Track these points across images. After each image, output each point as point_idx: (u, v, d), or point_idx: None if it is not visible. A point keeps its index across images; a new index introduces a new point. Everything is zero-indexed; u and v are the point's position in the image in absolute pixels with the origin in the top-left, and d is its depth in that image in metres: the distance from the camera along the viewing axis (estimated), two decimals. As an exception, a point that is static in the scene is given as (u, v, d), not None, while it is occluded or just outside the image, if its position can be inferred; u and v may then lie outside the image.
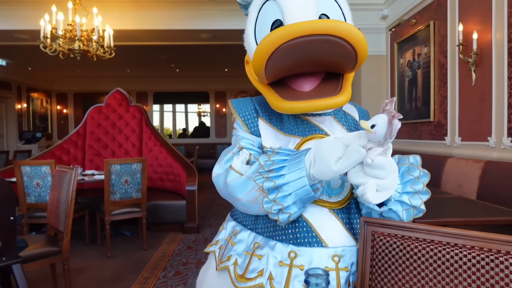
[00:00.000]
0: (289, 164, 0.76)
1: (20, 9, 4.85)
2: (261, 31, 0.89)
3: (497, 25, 2.83)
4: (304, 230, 0.84)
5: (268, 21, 0.88)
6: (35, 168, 3.23)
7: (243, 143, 0.92)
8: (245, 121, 0.95)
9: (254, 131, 0.94)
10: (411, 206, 0.79)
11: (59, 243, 2.24)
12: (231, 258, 0.90)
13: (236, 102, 1.00)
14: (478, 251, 0.69)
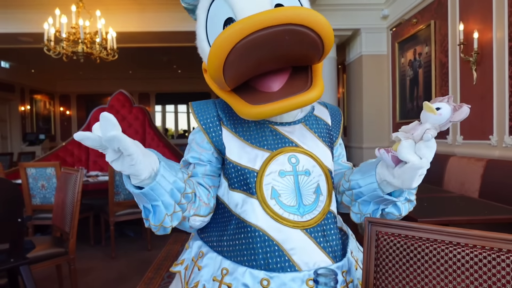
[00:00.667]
0: None
1: (24, 12, 4.88)
2: (213, 33, 0.81)
3: (497, 24, 2.84)
4: (276, 255, 0.78)
5: (219, 21, 0.80)
6: (40, 170, 3.26)
7: (191, 158, 0.88)
8: (206, 129, 0.86)
9: (216, 141, 0.86)
10: (408, 200, 0.83)
11: (65, 244, 2.27)
12: (198, 284, 0.83)
13: (197, 105, 0.91)
14: (480, 249, 0.71)
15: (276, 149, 0.83)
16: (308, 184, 0.83)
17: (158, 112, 11.92)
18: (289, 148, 0.84)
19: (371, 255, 0.80)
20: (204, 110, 0.89)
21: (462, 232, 0.74)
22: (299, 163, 0.83)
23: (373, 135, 5.03)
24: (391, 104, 4.89)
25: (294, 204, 0.81)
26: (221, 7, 0.80)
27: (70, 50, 4.20)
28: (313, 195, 0.83)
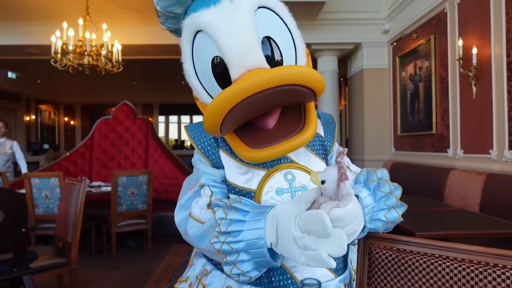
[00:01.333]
0: (247, 229, 0.70)
1: (32, 25, 5.01)
2: (201, 70, 0.80)
3: (496, 40, 2.89)
4: (279, 273, 0.79)
5: (206, 59, 0.77)
6: (44, 180, 3.30)
7: (204, 179, 0.85)
8: (205, 152, 0.87)
9: (216, 163, 0.86)
10: (389, 222, 0.77)
11: (67, 254, 2.29)
12: None
13: (192, 129, 0.90)
14: (469, 263, 0.73)
15: (272, 166, 0.83)
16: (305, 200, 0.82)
17: (162, 122, 12.01)
18: (285, 165, 0.84)
19: (364, 268, 0.83)
20: (200, 133, 0.89)
21: (454, 246, 0.77)
22: (295, 179, 0.83)
23: (374, 148, 5.05)
24: (392, 117, 4.93)
25: None
26: (207, 43, 0.76)
27: (76, 62, 4.29)
28: None
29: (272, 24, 0.78)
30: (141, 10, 4.95)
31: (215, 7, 0.75)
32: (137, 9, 4.92)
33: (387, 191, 0.77)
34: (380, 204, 0.76)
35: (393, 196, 0.77)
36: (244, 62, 0.72)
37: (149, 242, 3.54)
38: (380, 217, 0.77)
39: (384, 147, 5.03)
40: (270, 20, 0.78)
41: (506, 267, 0.69)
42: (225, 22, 0.73)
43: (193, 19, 0.78)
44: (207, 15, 0.75)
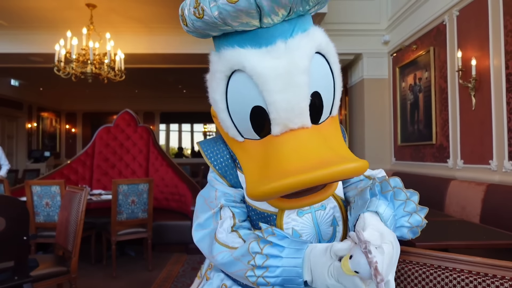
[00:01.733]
0: (285, 265, 0.71)
1: (36, 33, 5.07)
2: (237, 113, 0.76)
3: (494, 52, 2.93)
4: None
5: (245, 104, 0.73)
6: (45, 188, 3.31)
7: (224, 200, 0.84)
8: (223, 173, 0.85)
9: (234, 183, 0.85)
10: (413, 226, 0.78)
11: (67, 263, 2.29)
12: None
13: (207, 147, 0.88)
14: (468, 273, 0.74)
15: None
16: (325, 218, 0.84)
17: (162, 130, 12.05)
18: None
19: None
20: (216, 152, 0.87)
21: (453, 257, 0.78)
22: None
23: (375, 158, 5.06)
24: (392, 127, 4.95)
25: (312, 242, 0.80)
26: (248, 89, 0.71)
27: (79, 70, 4.34)
28: (330, 228, 0.84)
29: (322, 76, 0.76)
30: (144, 20, 5.02)
31: (267, 50, 0.70)
32: (141, 19, 4.99)
33: (404, 198, 0.78)
34: (400, 212, 0.77)
35: (411, 202, 0.78)
36: (290, 124, 0.71)
37: (149, 251, 3.53)
38: (403, 223, 0.77)
39: (384, 157, 5.04)
40: (321, 71, 0.75)
41: (505, 278, 0.70)
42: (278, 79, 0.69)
43: (237, 56, 0.72)
44: (256, 59, 0.70)
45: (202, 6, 0.68)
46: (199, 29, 0.73)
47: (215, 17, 0.68)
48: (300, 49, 0.71)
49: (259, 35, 0.71)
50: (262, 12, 0.66)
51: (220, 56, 0.75)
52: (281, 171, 0.67)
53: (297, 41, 0.71)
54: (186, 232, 4.14)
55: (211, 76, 0.79)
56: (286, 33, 0.71)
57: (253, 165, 0.76)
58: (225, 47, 0.74)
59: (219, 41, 0.77)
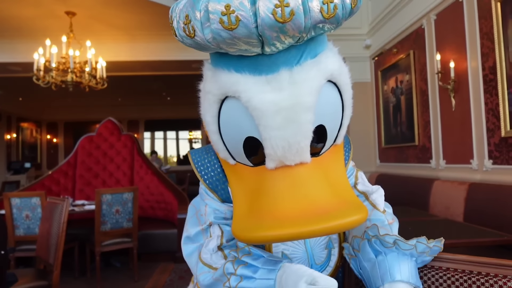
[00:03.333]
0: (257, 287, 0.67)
1: (14, 42, 4.95)
2: (230, 139, 0.69)
3: (471, 54, 3.01)
4: None
5: (238, 133, 0.67)
6: (25, 199, 3.20)
7: (213, 218, 0.78)
8: (214, 188, 0.80)
9: (226, 198, 0.79)
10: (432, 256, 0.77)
11: (48, 276, 2.21)
12: None
13: (197, 158, 0.82)
14: (453, 272, 0.74)
15: None
16: (319, 241, 0.79)
17: (147, 138, 11.91)
18: None
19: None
20: (207, 165, 0.81)
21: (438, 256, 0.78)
22: None
23: (360, 160, 5.11)
24: (376, 130, 5.02)
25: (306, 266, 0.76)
26: (242, 117, 0.64)
27: (59, 79, 4.25)
28: (324, 251, 0.79)
29: (330, 107, 0.67)
30: (125, 27, 4.96)
31: (267, 79, 0.61)
32: (122, 27, 4.94)
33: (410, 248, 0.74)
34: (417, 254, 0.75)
35: (420, 244, 0.74)
36: (286, 161, 0.64)
37: (135, 261, 3.46)
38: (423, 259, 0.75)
39: (369, 159, 5.10)
40: (330, 102, 0.67)
41: (489, 275, 0.71)
42: (278, 114, 0.60)
43: (232, 82, 0.63)
44: (254, 89, 0.61)
45: (192, 25, 0.58)
46: (190, 46, 0.64)
47: (208, 40, 0.58)
48: (308, 81, 0.61)
49: (260, 61, 0.61)
50: (264, 41, 0.57)
51: (214, 75, 0.68)
52: (273, 215, 0.60)
53: (305, 71, 0.61)
54: (173, 241, 4.07)
55: (203, 94, 0.72)
56: (292, 60, 0.62)
57: (243, 193, 0.70)
58: (220, 68, 0.66)
59: (215, 57, 0.68)
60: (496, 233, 2.10)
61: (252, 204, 0.66)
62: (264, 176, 0.66)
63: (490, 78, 2.81)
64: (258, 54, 0.60)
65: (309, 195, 0.62)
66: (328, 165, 0.69)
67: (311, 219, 0.58)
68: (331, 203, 0.61)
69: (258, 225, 0.60)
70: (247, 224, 0.63)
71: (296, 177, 0.63)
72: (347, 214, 0.59)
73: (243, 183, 0.71)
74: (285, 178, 0.63)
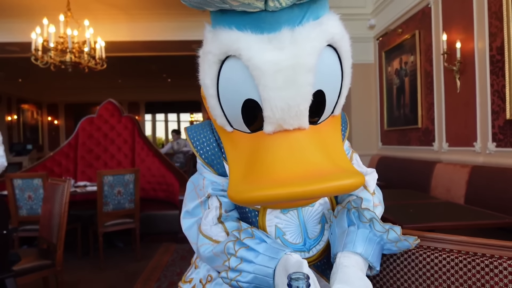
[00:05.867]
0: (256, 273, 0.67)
1: (11, 22, 4.86)
2: (228, 102, 0.68)
3: (479, 34, 2.93)
4: None
5: (237, 95, 0.66)
6: (27, 180, 3.22)
7: (211, 189, 0.79)
8: (209, 162, 0.80)
9: (222, 172, 0.80)
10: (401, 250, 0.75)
11: (51, 256, 2.24)
12: None
13: (193, 133, 0.83)
14: (457, 253, 0.73)
15: None
16: (312, 215, 0.79)
17: (148, 121, 11.87)
18: None
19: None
20: (202, 140, 0.82)
21: (443, 237, 0.77)
22: None
23: (361, 143, 5.09)
24: (379, 112, 4.97)
25: (299, 241, 0.78)
26: (242, 77, 0.63)
27: (58, 59, 4.19)
28: (318, 226, 0.80)
29: (329, 73, 0.66)
30: (124, 6, 4.85)
31: (269, 37, 0.60)
32: (120, 5, 4.83)
33: (383, 230, 0.73)
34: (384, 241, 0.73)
35: (393, 232, 0.73)
36: (284, 124, 0.63)
37: (137, 241, 3.50)
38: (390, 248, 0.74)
39: (371, 141, 5.08)
40: (329, 68, 0.66)
41: (494, 257, 0.70)
42: (278, 74, 0.60)
43: (233, 40, 0.62)
44: (255, 47, 0.60)
45: None
46: (194, 4, 0.61)
47: None
48: (309, 41, 0.60)
49: (262, 19, 0.60)
50: None
51: (214, 35, 0.66)
52: (270, 177, 0.61)
53: (306, 31, 0.61)
54: (175, 222, 4.10)
55: (203, 56, 0.70)
56: (295, 19, 0.61)
57: (239, 160, 0.69)
58: (221, 26, 0.64)
59: (216, 16, 0.66)
60: (497, 216, 2.10)
61: (249, 169, 0.66)
62: (262, 141, 0.66)
63: (497, 59, 2.74)
64: (261, 11, 0.59)
65: (307, 159, 0.62)
66: (326, 134, 0.70)
67: (307, 180, 0.59)
68: (328, 168, 0.62)
69: (254, 186, 0.61)
70: (243, 186, 0.63)
71: (294, 142, 0.63)
72: (344, 177, 0.60)
73: (240, 150, 0.71)
74: (283, 142, 0.64)
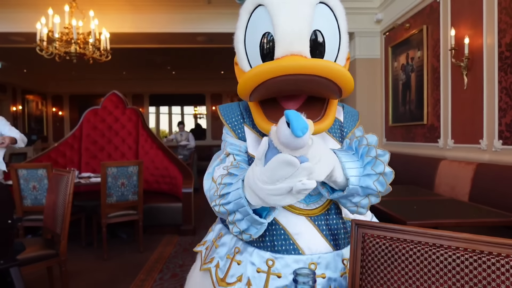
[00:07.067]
0: (232, 190, 0.75)
1: (16, 11, 4.85)
2: (250, 40, 0.87)
3: (488, 30, 2.89)
4: (282, 238, 0.86)
5: (258, 31, 0.84)
6: (32, 171, 3.24)
7: (230, 149, 0.93)
8: (232, 127, 0.96)
9: (241, 137, 0.95)
10: (377, 191, 0.79)
11: (56, 246, 2.26)
12: (213, 260, 0.93)
13: (223, 108, 1.01)
14: (462, 251, 0.72)
15: None
16: None
17: (152, 113, 11.87)
18: None
19: (357, 257, 0.82)
20: (230, 111, 0.98)
21: (448, 234, 0.76)
22: None
23: (366, 138, 5.07)
24: (384, 108, 4.94)
25: None
26: (263, 18, 0.83)
27: (63, 50, 4.18)
28: (319, 187, 0.87)
29: (326, 20, 0.84)
30: (129, -3, 4.82)
31: None
32: (126, -4, 4.80)
33: (374, 155, 0.80)
34: (367, 169, 0.79)
35: (380, 162, 0.79)
36: (290, 47, 0.79)
37: (140, 233, 3.52)
38: (369, 185, 0.79)
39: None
40: (326, 17, 0.84)
41: (501, 255, 0.69)
42: (288, 7, 0.80)
43: None
44: None
45: None
46: None
47: None
48: None
49: None
50: None
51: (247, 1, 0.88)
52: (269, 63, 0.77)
53: None
54: (178, 214, 4.13)
55: (239, 22, 0.90)
56: None
57: None
58: None
59: None
60: (502, 214, 2.09)
61: None
62: None
63: (506, 55, 2.71)
64: None
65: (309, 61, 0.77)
66: None
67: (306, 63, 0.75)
68: None
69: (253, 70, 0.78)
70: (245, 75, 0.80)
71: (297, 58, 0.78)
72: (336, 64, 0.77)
73: None
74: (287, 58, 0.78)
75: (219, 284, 0.88)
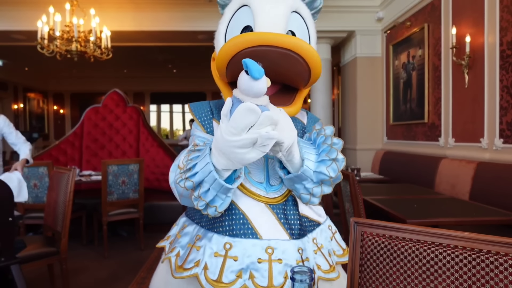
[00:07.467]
0: (199, 160, 0.79)
1: (17, 10, 4.85)
2: (231, 32, 0.94)
3: (489, 28, 2.88)
4: (240, 222, 0.89)
5: (240, 25, 0.93)
6: (32, 169, 3.24)
7: (198, 140, 0.95)
8: (202, 122, 1.00)
9: (210, 131, 0.99)
10: (329, 177, 0.86)
11: (56, 243, 2.26)
12: (174, 250, 0.96)
13: (194, 105, 1.06)
14: (462, 250, 0.72)
15: None
16: (276, 167, 0.93)
17: (153, 111, 11.89)
18: None
19: (356, 255, 0.82)
20: (200, 108, 1.03)
21: (446, 233, 0.76)
22: None
23: (366, 137, 5.06)
24: (384, 106, 4.93)
25: (262, 181, 0.94)
26: (246, 14, 0.92)
27: (64, 48, 4.18)
28: (279, 179, 0.95)
29: (299, 25, 0.95)
30: (130, -5, 4.82)
31: None
32: (127, -6, 4.79)
33: (329, 143, 0.87)
34: (322, 156, 0.86)
35: (334, 150, 0.87)
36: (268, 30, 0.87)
37: (141, 231, 3.52)
38: (322, 170, 0.85)
39: (376, 136, 5.05)
40: (298, 22, 0.95)
41: (499, 254, 0.69)
42: (269, 8, 0.90)
43: None
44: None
45: None
46: None
47: None
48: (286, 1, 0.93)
49: None
50: None
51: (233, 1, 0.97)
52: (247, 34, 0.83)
53: None
54: (178, 212, 4.13)
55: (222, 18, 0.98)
56: None
57: None
58: None
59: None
60: (503, 213, 2.09)
61: None
62: None
63: (507, 54, 2.70)
64: None
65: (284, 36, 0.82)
66: None
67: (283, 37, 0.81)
68: None
69: None
70: None
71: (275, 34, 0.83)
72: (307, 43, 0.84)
73: None
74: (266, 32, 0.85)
75: (176, 271, 0.89)
